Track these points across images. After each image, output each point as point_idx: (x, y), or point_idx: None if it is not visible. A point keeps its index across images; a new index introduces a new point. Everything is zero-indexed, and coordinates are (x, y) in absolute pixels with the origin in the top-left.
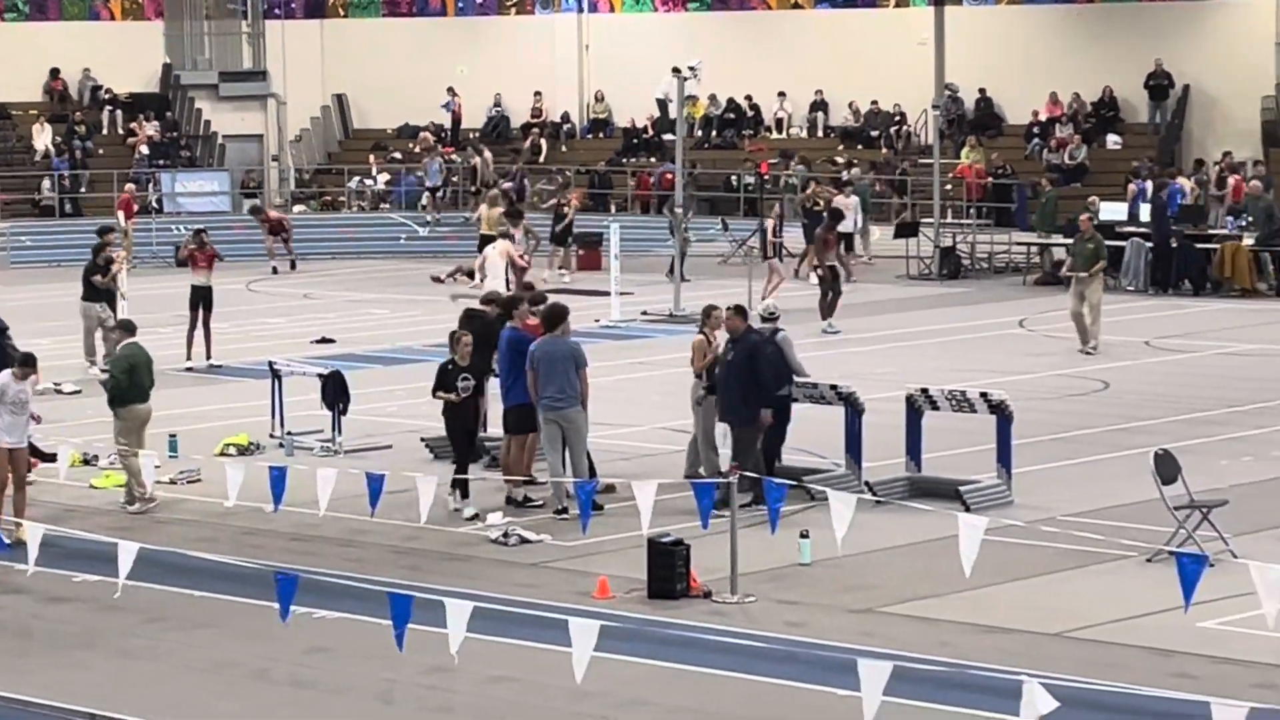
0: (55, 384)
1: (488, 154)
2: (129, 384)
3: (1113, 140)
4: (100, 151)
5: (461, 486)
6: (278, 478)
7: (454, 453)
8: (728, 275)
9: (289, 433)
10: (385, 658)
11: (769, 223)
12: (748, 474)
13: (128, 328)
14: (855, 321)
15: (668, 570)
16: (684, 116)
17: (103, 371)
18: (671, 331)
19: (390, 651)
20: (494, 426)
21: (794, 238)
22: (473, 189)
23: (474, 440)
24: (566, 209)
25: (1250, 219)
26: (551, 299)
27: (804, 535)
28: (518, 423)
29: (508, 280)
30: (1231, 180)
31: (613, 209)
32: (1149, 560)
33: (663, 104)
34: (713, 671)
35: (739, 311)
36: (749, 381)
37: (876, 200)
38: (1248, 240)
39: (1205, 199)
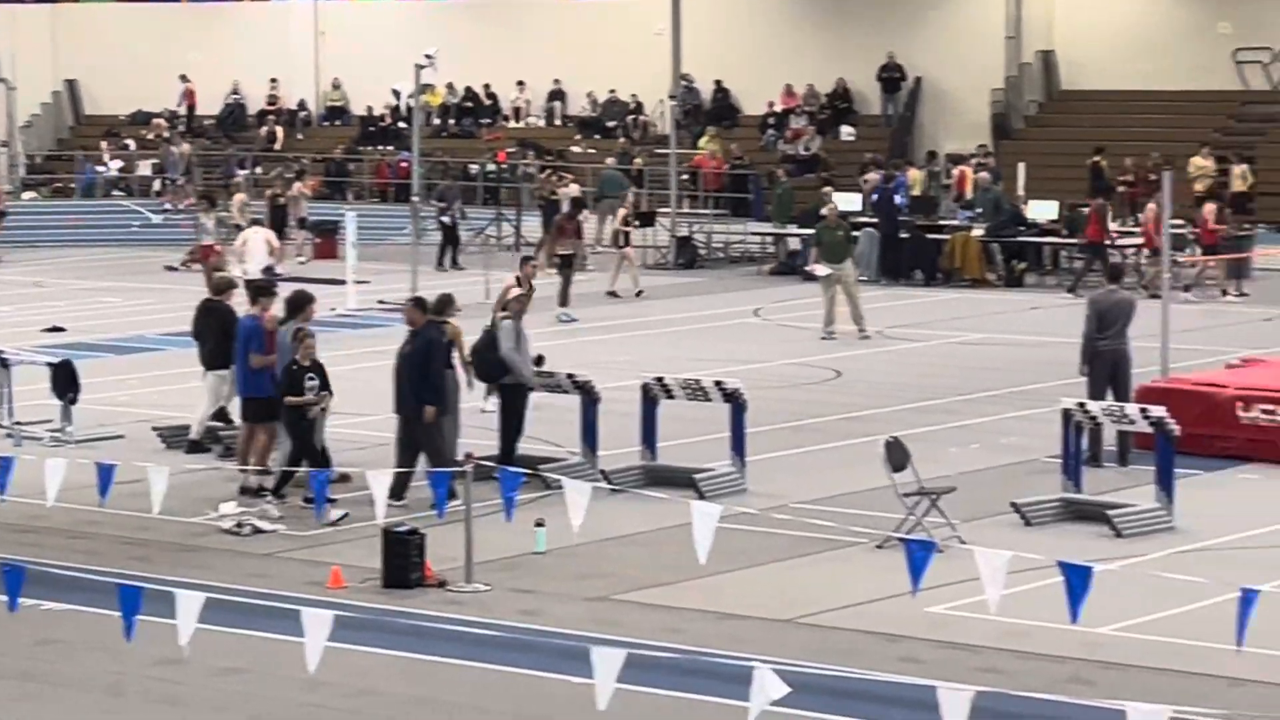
0: None
1: (185, 146)
2: None
3: (847, 131)
4: None
5: (282, 481)
6: (4, 468)
7: (305, 455)
8: (477, 264)
9: (17, 422)
10: (115, 650)
11: (621, 211)
12: (484, 463)
13: None
14: (592, 310)
15: (402, 560)
16: (420, 105)
17: None
18: None
19: (120, 643)
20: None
21: (532, 227)
22: (181, 179)
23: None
24: (282, 199)
25: (980, 210)
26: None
27: (539, 524)
28: (255, 412)
29: (270, 267)
30: (958, 171)
31: (350, 197)
32: (879, 547)
33: (398, 94)
34: (447, 661)
35: (418, 304)
36: (420, 375)
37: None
38: (977, 231)
39: (937, 190)
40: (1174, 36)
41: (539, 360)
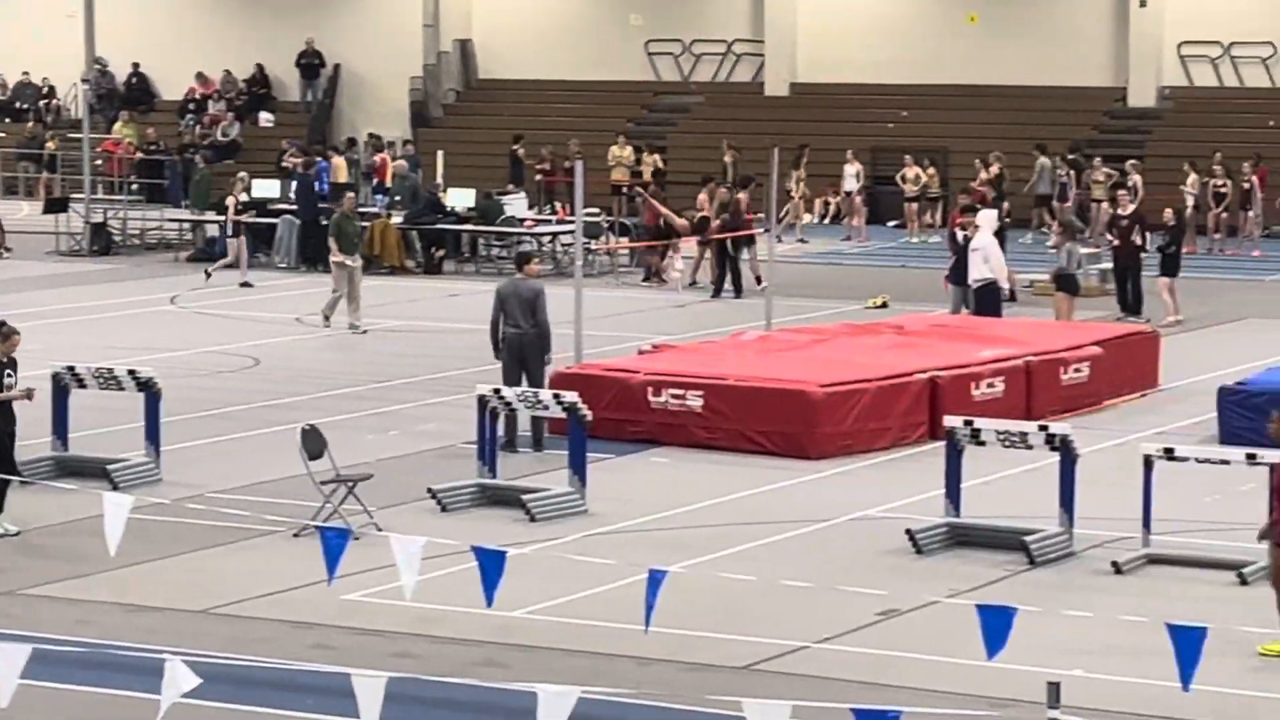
0: None
1: None
2: None
3: (265, 118)
4: None
5: None
6: None
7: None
8: None
9: None
10: None
11: (230, 200)
12: None
13: None
14: (1, 299)
15: None
16: None
17: None
18: None
19: None
20: None
21: None
22: None
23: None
24: None
25: (398, 198)
26: None
27: None
28: None
29: None
30: (378, 158)
31: None
32: (296, 535)
33: None
34: None
35: None
36: None
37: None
38: (396, 218)
39: (357, 177)
40: (589, 28)
41: None
